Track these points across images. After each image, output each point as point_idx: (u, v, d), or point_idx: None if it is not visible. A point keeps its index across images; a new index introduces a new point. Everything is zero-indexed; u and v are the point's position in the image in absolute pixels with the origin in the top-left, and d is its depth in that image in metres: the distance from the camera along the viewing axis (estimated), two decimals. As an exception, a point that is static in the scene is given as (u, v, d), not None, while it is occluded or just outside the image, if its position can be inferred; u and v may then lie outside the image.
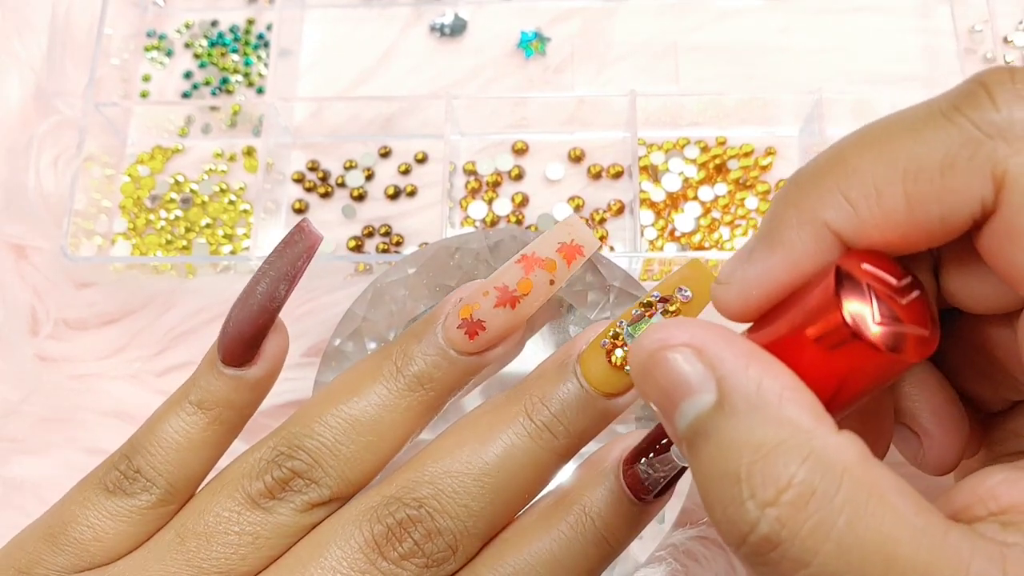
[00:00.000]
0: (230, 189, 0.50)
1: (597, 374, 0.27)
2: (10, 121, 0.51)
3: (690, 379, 0.19)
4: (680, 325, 0.20)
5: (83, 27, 0.52)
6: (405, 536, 0.25)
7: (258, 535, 0.26)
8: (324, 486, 0.26)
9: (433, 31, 0.53)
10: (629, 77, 0.52)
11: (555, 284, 0.28)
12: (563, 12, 0.53)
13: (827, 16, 0.52)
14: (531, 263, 0.28)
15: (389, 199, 0.50)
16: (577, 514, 0.26)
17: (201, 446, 0.27)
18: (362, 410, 0.27)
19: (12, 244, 0.48)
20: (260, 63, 0.53)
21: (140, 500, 0.26)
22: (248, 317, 0.26)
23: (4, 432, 0.45)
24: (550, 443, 0.27)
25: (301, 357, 0.45)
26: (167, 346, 0.47)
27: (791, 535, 0.17)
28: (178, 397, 0.28)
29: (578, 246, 0.28)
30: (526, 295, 0.27)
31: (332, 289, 0.46)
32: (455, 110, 0.49)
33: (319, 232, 0.27)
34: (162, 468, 0.27)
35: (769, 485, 0.17)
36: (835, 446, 0.18)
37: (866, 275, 0.19)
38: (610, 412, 0.27)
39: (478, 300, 0.27)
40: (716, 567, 0.39)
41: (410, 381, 0.27)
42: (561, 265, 0.28)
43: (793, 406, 0.18)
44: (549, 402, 0.27)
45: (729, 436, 0.18)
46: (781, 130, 0.50)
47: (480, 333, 0.27)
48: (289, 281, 0.26)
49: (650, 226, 0.48)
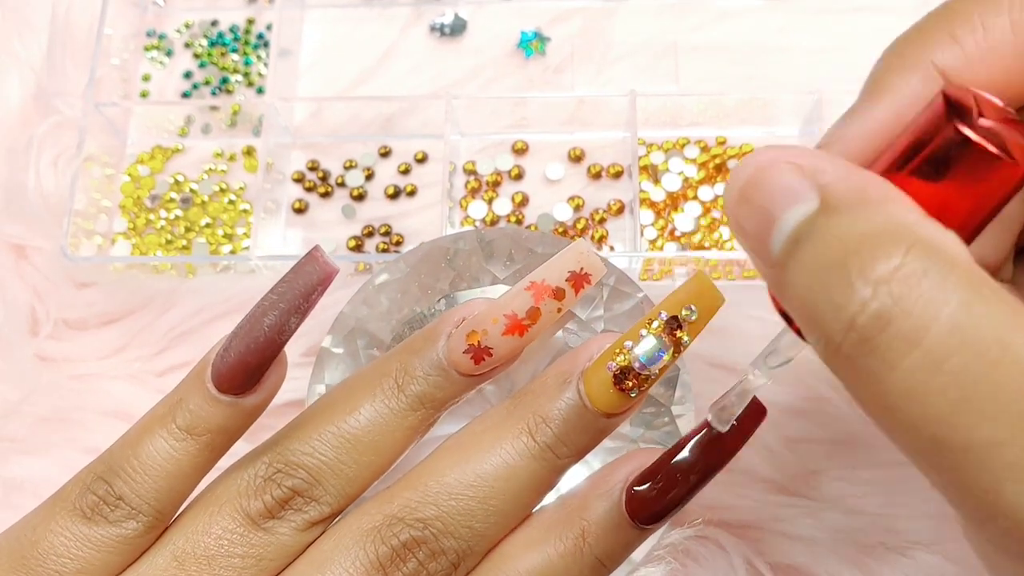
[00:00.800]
0: (230, 189, 0.50)
1: (601, 396, 0.26)
2: (10, 121, 0.51)
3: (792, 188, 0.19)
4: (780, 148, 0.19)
5: (83, 27, 0.52)
6: (409, 556, 0.25)
7: (261, 556, 0.25)
8: (324, 504, 0.26)
9: (433, 31, 0.53)
10: (629, 77, 0.52)
11: (562, 312, 0.28)
12: (563, 12, 0.53)
13: (827, 16, 0.52)
14: (541, 292, 0.27)
15: (389, 199, 0.50)
16: (576, 538, 0.26)
17: (191, 472, 0.26)
18: (362, 428, 0.26)
19: (12, 244, 0.48)
20: (260, 63, 0.53)
21: (126, 529, 0.25)
22: (254, 349, 0.25)
23: (4, 432, 0.45)
24: (553, 463, 0.27)
25: (300, 357, 0.45)
26: (167, 346, 0.47)
27: (905, 311, 0.16)
28: (161, 417, 0.26)
29: (587, 274, 0.28)
30: (534, 324, 0.27)
31: (332, 289, 0.45)
32: (455, 110, 0.49)
33: (334, 263, 0.25)
34: (148, 496, 0.25)
35: (881, 263, 0.17)
36: (943, 238, 0.17)
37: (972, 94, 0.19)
38: (609, 429, 0.27)
39: (486, 327, 0.27)
40: (715, 566, 0.39)
41: (412, 401, 0.27)
42: (570, 294, 0.28)
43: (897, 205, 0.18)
44: (552, 422, 0.26)
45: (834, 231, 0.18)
46: (781, 130, 0.50)
47: (487, 359, 0.27)
48: (301, 314, 0.25)
49: (650, 226, 0.48)
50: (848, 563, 0.39)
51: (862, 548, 0.39)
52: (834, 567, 0.39)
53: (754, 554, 0.40)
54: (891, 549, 0.40)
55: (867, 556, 0.39)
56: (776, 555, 0.40)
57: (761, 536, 0.40)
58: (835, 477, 0.41)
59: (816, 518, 0.40)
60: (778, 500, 0.40)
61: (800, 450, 0.41)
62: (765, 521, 0.40)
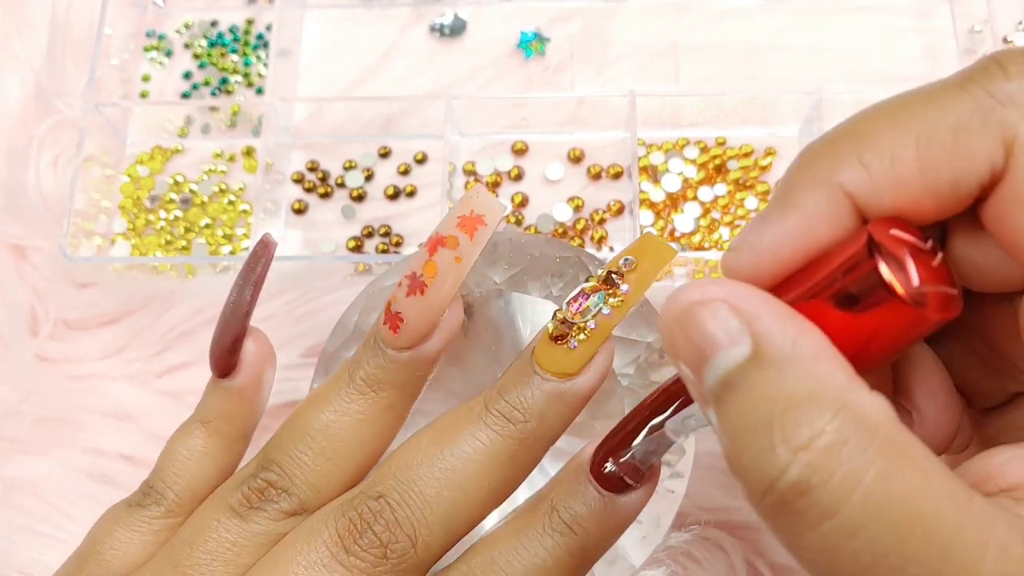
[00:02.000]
0: (229, 189, 0.50)
1: (543, 353, 0.26)
2: (10, 121, 0.51)
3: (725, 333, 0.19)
4: (717, 283, 0.20)
5: (83, 27, 0.52)
6: (366, 528, 0.26)
7: (235, 542, 0.27)
8: (293, 495, 0.27)
9: (433, 31, 0.53)
10: (629, 77, 0.52)
11: (463, 261, 0.27)
12: (563, 12, 0.53)
13: (827, 16, 0.52)
14: (434, 244, 0.27)
15: (389, 199, 0.50)
16: (547, 510, 0.26)
17: (203, 458, 0.29)
18: (322, 421, 0.28)
19: (12, 244, 0.48)
20: (260, 63, 0.53)
21: (151, 511, 0.29)
22: (222, 325, 0.28)
23: (3, 432, 0.45)
24: (506, 428, 0.26)
25: (300, 357, 0.45)
26: (167, 346, 0.47)
27: (821, 482, 0.17)
28: (190, 418, 0.30)
29: (478, 216, 0.27)
30: (433, 278, 0.27)
31: (332, 290, 0.46)
32: (455, 110, 0.49)
33: (274, 239, 0.28)
34: (169, 480, 0.29)
35: (803, 430, 0.17)
36: (869, 403, 0.18)
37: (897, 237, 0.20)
38: (568, 395, 0.27)
39: (396, 294, 0.27)
40: (715, 569, 0.39)
41: (358, 386, 0.28)
42: (464, 240, 0.27)
43: (828, 363, 0.18)
44: (504, 391, 0.27)
45: (762, 387, 0.18)
46: (781, 130, 0.50)
47: (400, 325, 0.27)
48: (254, 286, 0.28)
49: (650, 226, 0.48)
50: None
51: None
52: (834, 568, 0.39)
53: (755, 555, 0.40)
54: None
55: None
56: (777, 556, 0.40)
57: (762, 537, 0.40)
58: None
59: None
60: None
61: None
62: (765, 522, 0.40)
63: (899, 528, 0.17)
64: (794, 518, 0.18)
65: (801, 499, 0.17)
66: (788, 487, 0.17)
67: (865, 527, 0.17)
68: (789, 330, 0.19)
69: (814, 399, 0.18)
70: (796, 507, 0.17)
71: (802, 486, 0.17)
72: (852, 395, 0.18)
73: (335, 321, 0.34)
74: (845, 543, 0.17)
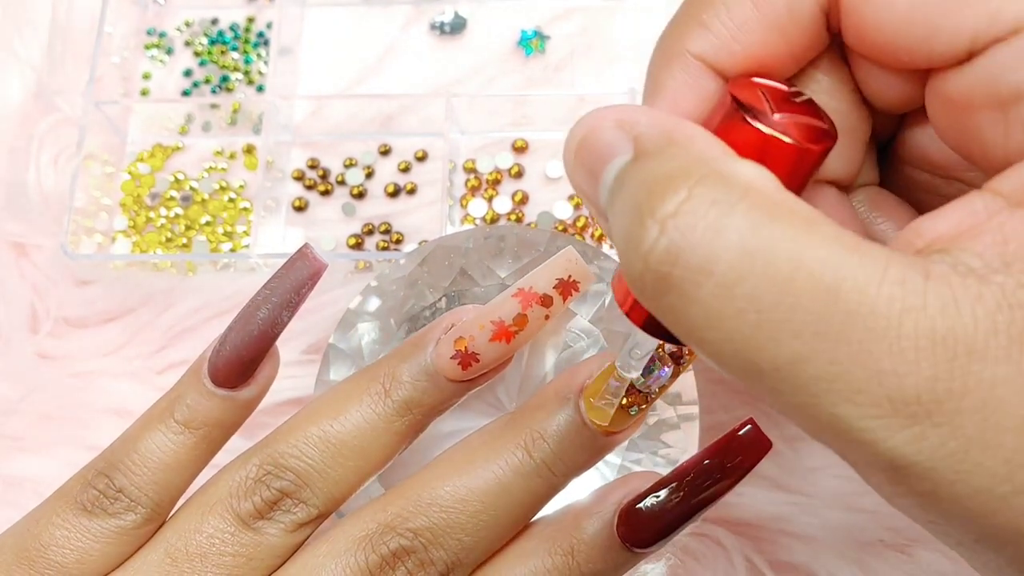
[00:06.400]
0: (230, 187, 0.50)
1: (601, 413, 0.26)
2: (10, 119, 0.51)
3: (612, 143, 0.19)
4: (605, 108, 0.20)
5: (83, 25, 0.52)
6: (398, 564, 0.25)
7: (251, 556, 0.26)
8: (312, 506, 0.26)
9: (433, 29, 0.53)
10: (629, 75, 0.52)
11: (550, 318, 0.28)
12: (563, 10, 0.53)
13: (827, 14, 0.52)
14: (528, 299, 0.27)
15: (389, 197, 0.50)
16: (565, 554, 0.26)
17: (188, 464, 0.27)
18: (349, 432, 0.27)
19: (12, 242, 0.48)
20: (260, 61, 0.53)
21: (124, 520, 0.26)
22: (248, 342, 0.26)
23: (4, 430, 0.45)
24: (548, 480, 0.26)
25: (301, 354, 0.45)
26: (167, 343, 0.47)
27: (691, 244, 0.16)
28: (160, 413, 0.27)
29: (575, 282, 0.28)
30: (522, 331, 0.27)
31: (332, 287, 0.46)
32: (455, 108, 0.49)
33: (323, 259, 0.27)
34: (147, 488, 0.26)
35: (668, 200, 0.17)
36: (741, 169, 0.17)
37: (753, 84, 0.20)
38: (608, 448, 0.27)
39: (473, 333, 0.27)
40: (715, 564, 0.39)
41: (399, 406, 0.27)
42: (557, 301, 0.28)
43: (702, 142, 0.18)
44: (549, 438, 0.26)
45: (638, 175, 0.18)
46: (781, 128, 0.50)
47: (474, 364, 0.27)
48: (292, 308, 0.26)
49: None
50: (848, 561, 0.39)
51: (862, 546, 0.39)
52: (834, 565, 0.39)
53: (754, 552, 0.40)
54: (890, 547, 0.40)
55: (867, 554, 0.39)
56: (776, 553, 0.40)
57: (761, 534, 0.40)
58: (835, 475, 0.41)
59: (816, 516, 0.40)
60: (778, 498, 0.40)
61: (800, 448, 0.41)
62: (765, 519, 0.40)
63: (779, 275, 0.16)
64: (676, 295, 0.17)
65: (676, 267, 0.17)
66: (661, 257, 0.17)
67: (743, 280, 0.16)
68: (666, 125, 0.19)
69: (682, 171, 0.17)
70: (673, 279, 0.17)
71: (674, 251, 0.16)
72: (722, 164, 0.17)
73: (336, 318, 0.35)
74: (728, 305, 0.16)
